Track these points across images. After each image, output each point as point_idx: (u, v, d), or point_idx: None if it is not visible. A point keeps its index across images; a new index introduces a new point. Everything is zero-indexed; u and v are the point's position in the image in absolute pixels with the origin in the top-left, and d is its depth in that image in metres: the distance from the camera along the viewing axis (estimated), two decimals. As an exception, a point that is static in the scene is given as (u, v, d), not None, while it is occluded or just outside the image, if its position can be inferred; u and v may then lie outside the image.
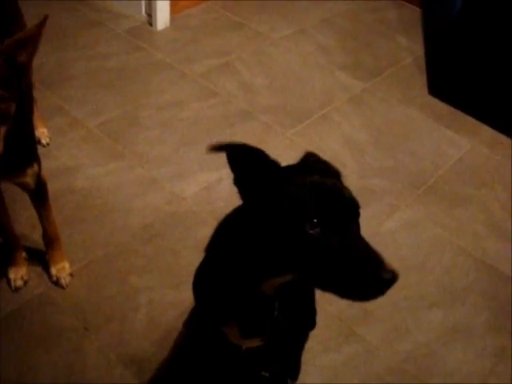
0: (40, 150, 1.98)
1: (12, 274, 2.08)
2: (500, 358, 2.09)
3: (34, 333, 1.97)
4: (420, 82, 3.31)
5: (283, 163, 1.27)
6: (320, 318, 2.07)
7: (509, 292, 2.30)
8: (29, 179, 1.81)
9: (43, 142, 2.60)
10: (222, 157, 2.74)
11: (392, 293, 2.23)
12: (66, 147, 2.63)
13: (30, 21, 1.76)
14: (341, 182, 1.25)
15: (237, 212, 1.36)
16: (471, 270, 2.36)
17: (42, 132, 2.60)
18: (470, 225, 2.54)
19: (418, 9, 3.94)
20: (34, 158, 1.83)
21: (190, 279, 2.16)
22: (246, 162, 1.22)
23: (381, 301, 1.72)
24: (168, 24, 3.49)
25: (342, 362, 2.00)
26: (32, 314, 2.02)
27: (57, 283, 2.11)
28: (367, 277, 1.09)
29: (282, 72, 3.25)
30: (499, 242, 2.49)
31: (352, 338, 2.07)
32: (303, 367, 1.92)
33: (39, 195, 1.94)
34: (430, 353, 2.07)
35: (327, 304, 2.14)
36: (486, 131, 3.05)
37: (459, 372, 2.04)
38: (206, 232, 2.31)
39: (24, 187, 1.85)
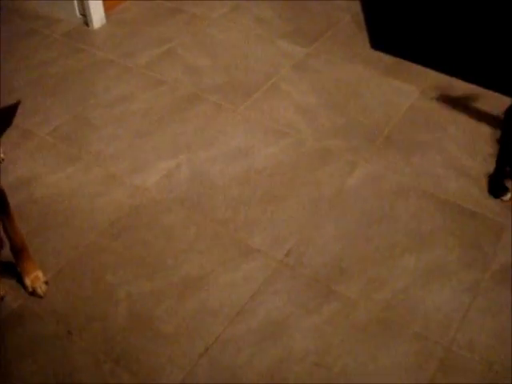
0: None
1: (-13, 293, 2.08)
2: (476, 292, 2.14)
3: (18, 345, 1.97)
4: (361, 38, 3.34)
5: (238, 139, 1.27)
6: (297, 283, 2.12)
7: (475, 226, 2.36)
8: None
9: (-4, 158, 2.58)
10: (178, 143, 2.77)
11: (363, 246, 2.29)
12: (21, 159, 2.62)
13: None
14: None
15: None
16: (437, 212, 2.41)
17: (-6, 149, 2.59)
18: (429, 168, 2.59)
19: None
20: None
21: (164, 266, 2.21)
22: None
23: (353, 256, 1.77)
24: (104, 21, 3.47)
25: (324, 321, 2.03)
26: (14, 328, 2.02)
27: (33, 293, 2.11)
28: None
29: (225, 50, 3.26)
30: (460, 180, 2.54)
31: (331, 296, 2.11)
32: (287, 332, 1.96)
33: (1, 205, 1.94)
34: (408, 298, 2.12)
35: (302, 267, 2.18)
36: (433, 76, 3.09)
37: (439, 311, 2.08)
38: (172, 218, 2.37)
39: None
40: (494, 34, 2.96)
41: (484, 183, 2.51)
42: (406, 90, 3.00)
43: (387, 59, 3.20)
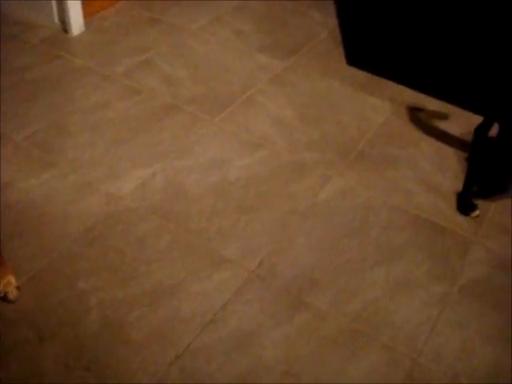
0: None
1: (-42, 297, 2.08)
2: (444, 304, 2.19)
3: (-12, 350, 1.97)
4: (337, 54, 3.40)
5: (214, 150, 1.29)
6: (268, 293, 2.14)
7: (444, 241, 2.40)
8: None
9: (-29, 162, 2.57)
10: (153, 152, 2.78)
11: (335, 258, 2.33)
12: (-5, 164, 2.62)
13: None
14: None
15: None
16: (407, 226, 2.45)
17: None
18: (401, 183, 2.64)
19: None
20: None
21: (136, 274, 2.22)
22: None
23: (324, 268, 1.79)
24: (83, 28, 3.48)
25: (294, 332, 2.06)
26: (-16, 333, 2.02)
27: (4, 298, 2.10)
28: None
29: (203, 61, 3.29)
30: (431, 195, 2.59)
31: (302, 307, 2.14)
32: (258, 342, 1.99)
33: None
34: (378, 309, 2.15)
35: (274, 278, 2.21)
36: (407, 93, 3.15)
37: (408, 323, 2.12)
38: (145, 227, 2.38)
39: None
40: (467, 53, 3.03)
41: (453, 199, 2.57)
42: (379, 105, 3.05)
43: (362, 75, 3.25)
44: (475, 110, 2.99)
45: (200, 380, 1.91)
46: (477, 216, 2.50)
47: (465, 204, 2.52)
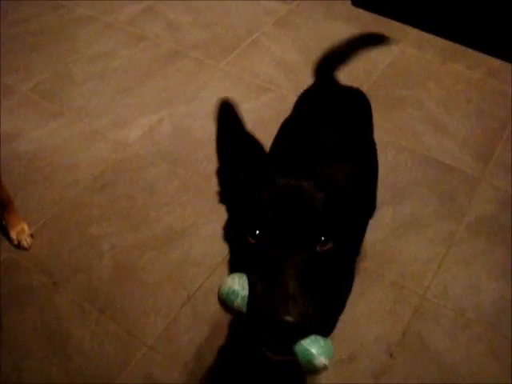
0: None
1: (-26, 246, 2.11)
2: (451, 242, 2.21)
3: (5, 296, 2.01)
4: (342, -6, 3.36)
5: (219, 94, 1.28)
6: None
7: (451, 180, 2.41)
8: None
9: (-20, 114, 2.59)
10: (160, 99, 2.78)
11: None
12: (3, 115, 2.62)
13: None
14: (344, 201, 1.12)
15: None
16: (414, 166, 2.46)
17: (-24, 105, 2.59)
18: (408, 124, 2.64)
19: None
20: None
21: (147, 219, 2.24)
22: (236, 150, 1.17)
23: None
24: (84, -24, 3.44)
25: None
26: (0, 280, 2.06)
27: (19, 246, 2.14)
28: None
29: (206, 6, 3.25)
30: (437, 135, 2.59)
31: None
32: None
33: None
34: (385, 248, 2.18)
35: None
36: (413, 33, 3.12)
37: (415, 261, 2.15)
38: (154, 172, 2.40)
39: None
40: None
41: (460, 139, 2.57)
42: (385, 46, 3.02)
43: (367, 16, 3.21)
44: (482, 49, 2.97)
45: (212, 319, 1.96)
46: None
47: None
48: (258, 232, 1.05)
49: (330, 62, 1.95)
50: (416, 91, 2.79)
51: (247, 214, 1.08)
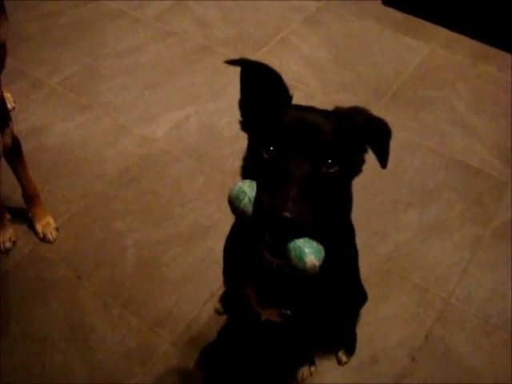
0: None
1: (0, 237, 2.13)
2: (477, 247, 2.19)
3: (29, 289, 2.03)
4: (373, -7, 3.33)
5: None
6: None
7: (478, 183, 2.39)
8: (7, 138, 1.88)
9: (8, 106, 2.59)
10: (187, 95, 2.78)
11: (368, 200, 2.33)
12: (31, 108, 2.65)
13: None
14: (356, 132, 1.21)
15: None
16: (441, 168, 2.44)
17: (6, 97, 2.60)
18: (436, 125, 2.61)
19: None
20: (8, 118, 1.89)
21: (172, 215, 2.24)
22: (259, 83, 1.25)
23: (357, 209, 1.80)
24: (115, -29, 3.45)
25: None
26: (25, 272, 2.08)
27: (44, 239, 2.16)
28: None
29: (235, 3, 3.24)
30: (465, 137, 2.56)
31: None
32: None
33: (15, 152, 1.99)
34: (410, 251, 2.16)
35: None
36: (443, 33, 3.09)
37: (440, 264, 2.13)
38: (180, 168, 2.40)
39: (3, 146, 1.89)
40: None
41: (489, 142, 2.54)
42: (415, 46, 3.00)
43: (397, 15, 3.19)
44: (513, 51, 2.94)
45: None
46: None
47: None
48: (272, 148, 1.14)
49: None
50: (445, 92, 2.76)
51: (264, 133, 1.17)
